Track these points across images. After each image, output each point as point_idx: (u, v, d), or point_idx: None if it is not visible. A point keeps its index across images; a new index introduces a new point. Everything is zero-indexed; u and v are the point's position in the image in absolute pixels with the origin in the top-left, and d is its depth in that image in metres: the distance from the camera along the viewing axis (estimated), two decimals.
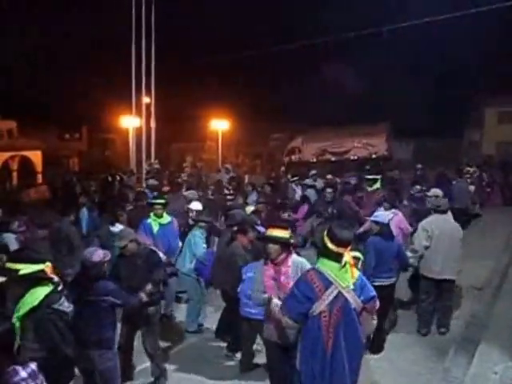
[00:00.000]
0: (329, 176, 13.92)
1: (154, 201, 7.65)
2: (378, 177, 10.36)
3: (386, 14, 23.10)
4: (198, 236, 6.81)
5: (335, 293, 3.49)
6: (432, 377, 5.33)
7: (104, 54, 26.50)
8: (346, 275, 3.56)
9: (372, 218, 6.25)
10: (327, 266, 3.58)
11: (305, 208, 9.85)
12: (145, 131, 20.62)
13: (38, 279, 3.68)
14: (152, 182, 14.02)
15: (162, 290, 5.48)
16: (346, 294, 3.51)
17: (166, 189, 12.23)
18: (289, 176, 14.47)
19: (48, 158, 23.16)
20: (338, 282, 3.51)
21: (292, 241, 4.76)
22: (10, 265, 3.74)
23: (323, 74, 28.07)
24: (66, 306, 3.75)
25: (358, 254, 5.01)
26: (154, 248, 5.68)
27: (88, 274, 4.30)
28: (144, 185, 15.23)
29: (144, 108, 20.47)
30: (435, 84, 28.50)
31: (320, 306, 3.48)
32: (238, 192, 12.70)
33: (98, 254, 4.35)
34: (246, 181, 16.21)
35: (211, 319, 6.82)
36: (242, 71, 27.49)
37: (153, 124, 20.93)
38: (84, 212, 9.48)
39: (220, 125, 23.70)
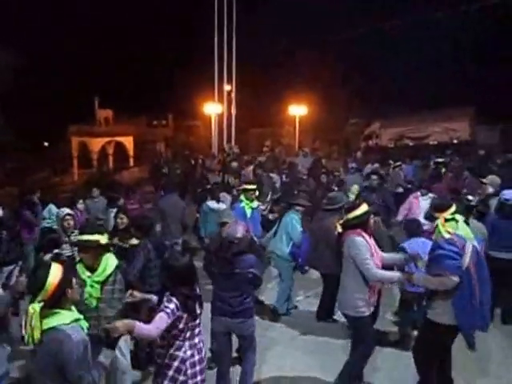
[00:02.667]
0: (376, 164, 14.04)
1: (247, 186, 7.56)
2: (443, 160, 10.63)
3: None
4: (295, 219, 6.69)
5: (471, 246, 4.08)
6: None
7: (187, 44, 27.79)
8: (467, 230, 4.23)
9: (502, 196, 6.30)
10: (450, 227, 4.15)
11: None
12: (226, 117, 21.72)
13: (107, 248, 4.29)
14: (234, 164, 14.96)
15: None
16: (476, 245, 4.15)
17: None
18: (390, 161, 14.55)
19: (138, 143, 25.08)
20: (469, 237, 4.14)
21: None
22: (87, 237, 4.16)
23: (401, 57, 27.31)
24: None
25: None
26: (254, 237, 5.61)
27: (232, 248, 4.37)
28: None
29: (225, 95, 21.56)
30: None
31: (466, 260, 4.03)
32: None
33: (240, 230, 4.41)
34: None
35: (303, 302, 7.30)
36: (319, 56, 27.60)
37: (234, 110, 22.02)
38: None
39: (297, 110, 24.14)
